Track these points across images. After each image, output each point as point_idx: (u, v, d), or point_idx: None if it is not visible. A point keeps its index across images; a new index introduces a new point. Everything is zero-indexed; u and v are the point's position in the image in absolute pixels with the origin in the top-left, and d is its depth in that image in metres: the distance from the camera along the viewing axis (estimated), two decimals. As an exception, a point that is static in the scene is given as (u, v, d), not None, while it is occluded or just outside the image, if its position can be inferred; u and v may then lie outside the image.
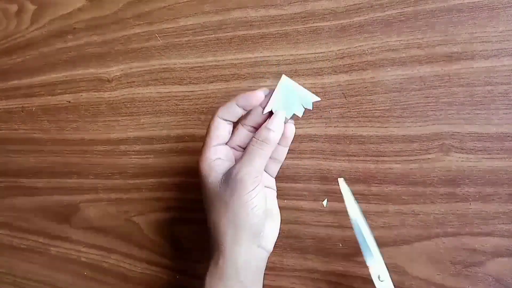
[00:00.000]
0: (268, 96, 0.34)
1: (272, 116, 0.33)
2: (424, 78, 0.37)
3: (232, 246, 0.32)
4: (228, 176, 0.32)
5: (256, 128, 0.35)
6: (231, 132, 0.35)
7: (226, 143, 0.35)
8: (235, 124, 0.35)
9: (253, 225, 0.32)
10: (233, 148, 0.36)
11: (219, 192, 0.32)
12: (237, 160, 0.33)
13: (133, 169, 0.48)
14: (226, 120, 0.34)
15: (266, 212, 0.33)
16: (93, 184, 0.50)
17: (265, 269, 0.42)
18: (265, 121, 0.34)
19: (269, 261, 0.42)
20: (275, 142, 0.33)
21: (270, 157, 0.35)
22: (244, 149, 0.35)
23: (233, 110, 0.33)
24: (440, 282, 0.37)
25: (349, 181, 0.39)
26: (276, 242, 0.42)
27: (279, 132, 0.33)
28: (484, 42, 0.36)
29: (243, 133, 0.35)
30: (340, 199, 0.39)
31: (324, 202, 0.40)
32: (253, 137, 0.33)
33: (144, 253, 0.48)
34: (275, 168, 0.37)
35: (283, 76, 0.34)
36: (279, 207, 0.42)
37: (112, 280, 0.49)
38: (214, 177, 0.33)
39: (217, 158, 0.34)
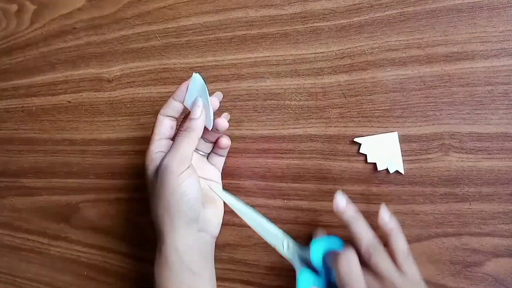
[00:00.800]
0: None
1: (193, 104, 0.35)
2: (424, 78, 0.37)
3: (171, 232, 0.33)
4: (159, 166, 0.34)
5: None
6: (174, 128, 0.37)
7: (171, 139, 0.37)
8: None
9: (186, 211, 0.33)
10: None
11: (153, 182, 0.34)
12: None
13: (133, 169, 0.48)
14: (168, 116, 0.36)
15: (204, 199, 0.36)
16: (93, 184, 0.50)
17: (265, 269, 0.42)
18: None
19: (269, 261, 0.42)
20: (199, 128, 0.34)
21: (214, 152, 0.40)
22: None
23: (172, 106, 0.36)
24: (440, 282, 0.37)
25: (349, 181, 0.39)
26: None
27: (201, 118, 0.34)
28: (484, 42, 0.36)
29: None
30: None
31: None
32: (179, 128, 0.35)
33: (144, 253, 0.48)
34: (219, 162, 0.40)
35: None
36: (278, 207, 0.42)
37: (112, 280, 0.49)
38: (151, 169, 0.35)
39: (159, 151, 0.35)
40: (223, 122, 0.37)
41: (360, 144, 0.39)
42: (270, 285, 0.42)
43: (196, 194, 0.33)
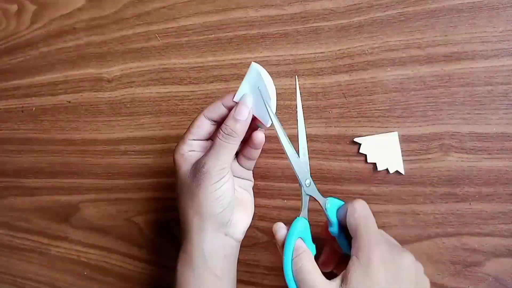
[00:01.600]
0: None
1: (238, 103, 0.33)
2: (424, 78, 0.37)
3: (198, 233, 0.33)
4: (195, 167, 0.33)
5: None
6: (211, 132, 0.35)
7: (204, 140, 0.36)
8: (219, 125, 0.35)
9: (218, 214, 0.33)
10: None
11: (187, 182, 0.33)
12: (206, 152, 0.33)
13: (133, 169, 0.48)
14: (210, 119, 0.34)
15: (235, 202, 0.34)
16: (93, 184, 0.50)
17: (265, 269, 0.42)
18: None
19: (269, 261, 0.42)
20: (241, 133, 0.33)
21: (243, 156, 0.37)
22: None
23: (218, 110, 0.34)
24: (440, 282, 0.37)
25: (349, 181, 0.39)
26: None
27: (245, 121, 0.33)
28: (484, 42, 0.36)
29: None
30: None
31: None
32: (220, 128, 0.33)
33: (144, 253, 0.48)
34: (249, 165, 0.38)
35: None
36: (279, 207, 0.42)
37: (112, 280, 0.49)
38: (185, 168, 0.34)
39: (191, 150, 0.34)
40: (261, 136, 0.35)
41: (360, 144, 0.39)
42: (270, 285, 0.42)
43: (231, 199, 0.33)
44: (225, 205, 0.33)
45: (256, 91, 0.33)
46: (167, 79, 0.46)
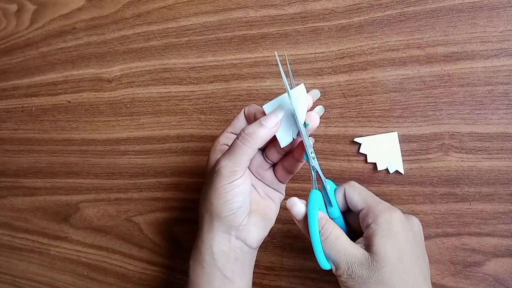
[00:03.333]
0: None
1: (270, 112, 0.31)
2: (424, 78, 0.37)
3: (208, 231, 0.32)
4: (213, 165, 0.32)
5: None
6: None
7: None
8: None
9: (227, 217, 0.31)
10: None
11: (206, 178, 0.33)
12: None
13: (133, 169, 0.48)
14: (249, 116, 0.34)
15: (256, 208, 0.33)
16: (93, 184, 0.50)
17: (265, 269, 0.42)
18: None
19: (269, 261, 0.42)
20: (261, 139, 0.30)
21: (283, 167, 0.35)
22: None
23: (256, 110, 0.33)
24: (440, 282, 0.37)
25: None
26: (275, 242, 0.42)
27: (269, 129, 0.31)
28: (484, 42, 0.36)
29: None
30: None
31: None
32: (242, 129, 0.31)
33: (144, 253, 0.48)
34: (285, 178, 0.36)
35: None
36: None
37: (112, 280, 0.49)
38: (210, 161, 0.34)
39: (225, 144, 0.34)
40: (315, 118, 0.32)
41: (360, 144, 0.39)
42: (270, 285, 0.42)
43: (241, 204, 0.31)
44: (234, 209, 0.31)
45: (288, 109, 0.32)
46: (167, 79, 0.46)
